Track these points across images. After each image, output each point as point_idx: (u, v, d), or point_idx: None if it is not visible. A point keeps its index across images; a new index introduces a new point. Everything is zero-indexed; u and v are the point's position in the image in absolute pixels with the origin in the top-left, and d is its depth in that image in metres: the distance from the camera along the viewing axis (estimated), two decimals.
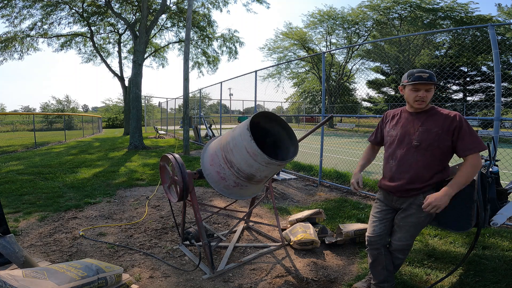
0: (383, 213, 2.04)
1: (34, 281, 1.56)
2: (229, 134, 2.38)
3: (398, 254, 1.99)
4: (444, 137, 1.79)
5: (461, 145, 1.76)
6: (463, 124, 1.75)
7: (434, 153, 1.83)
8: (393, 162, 1.96)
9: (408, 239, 1.93)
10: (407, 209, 1.91)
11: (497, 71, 3.40)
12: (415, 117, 1.92)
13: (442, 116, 1.82)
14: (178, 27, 19.42)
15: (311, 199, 4.66)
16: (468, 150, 1.74)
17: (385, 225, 2.02)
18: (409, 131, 1.91)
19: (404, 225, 1.92)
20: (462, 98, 27.50)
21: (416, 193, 1.87)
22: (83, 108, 65.22)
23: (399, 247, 1.96)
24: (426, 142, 1.83)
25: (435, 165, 1.85)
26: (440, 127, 1.80)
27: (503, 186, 2.20)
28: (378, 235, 2.00)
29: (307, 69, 34.17)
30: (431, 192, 1.84)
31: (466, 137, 1.74)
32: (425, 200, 1.76)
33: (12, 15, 15.94)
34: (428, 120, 1.85)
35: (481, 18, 21.16)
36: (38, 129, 22.30)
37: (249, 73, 8.23)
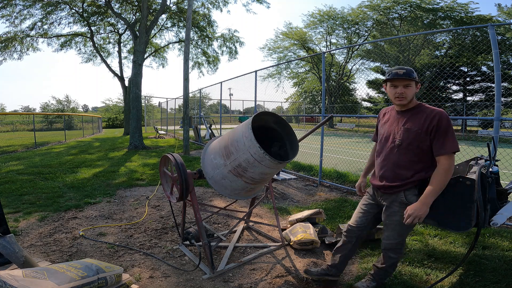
0: (368, 206, 2.12)
1: (34, 281, 1.56)
2: (230, 134, 2.38)
3: (390, 254, 2.02)
4: (423, 136, 1.80)
5: (436, 145, 1.78)
6: (442, 124, 1.75)
7: (415, 152, 1.85)
8: (380, 159, 2.02)
9: (396, 237, 1.96)
10: (390, 207, 1.95)
11: (497, 71, 3.40)
12: (401, 115, 1.94)
13: (424, 115, 1.82)
14: (178, 27, 19.43)
15: (311, 199, 4.66)
16: (440, 150, 1.76)
17: (367, 218, 2.10)
18: (393, 130, 1.94)
19: (390, 224, 1.96)
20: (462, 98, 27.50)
21: (397, 190, 1.90)
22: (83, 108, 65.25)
23: (388, 246, 1.99)
24: (406, 141, 1.85)
25: (416, 164, 1.86)
26: (420, 126, 1.81)
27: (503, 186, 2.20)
28: (358, 227, 2.11)
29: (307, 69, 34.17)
30: (414, 191, 1.87)
31: (441, 137, 1.76)
32: (405, 212, 1.79)
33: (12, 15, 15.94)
34: (410, 119, 1.87)
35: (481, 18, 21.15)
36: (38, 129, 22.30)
37: (249, 73, 8.23)
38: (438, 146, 1.77)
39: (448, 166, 1.74)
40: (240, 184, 2.38)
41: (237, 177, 2.32)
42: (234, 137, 2.28)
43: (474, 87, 27.02)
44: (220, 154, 2.36)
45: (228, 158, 2.29)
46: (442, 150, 1.75)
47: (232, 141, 2.27)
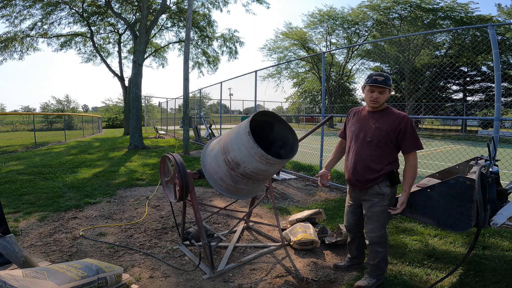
0: (352, 207, 2.35)
1: (34, 281, 1.56)
2: (229, 133, 2.38)
3: (377, 248, 2.14)
4: (391, 135, 2.04)
5: (405, 144, 2.04)
6: (408, 126, 2.02)
7: (383, 148, 2.08)
8: (351, 155, 2.22)
9: (380, 229, 2.12)
10: (369, 200, 2.15)
11: (497, 71, 3.40)
12: (371, 115, 2.15)
13: (393, 117, 2.07)
14: (178, 27, 19.41)
15: (311, 199, 4.66)
16: (409, 148, 2.03)
17: (357, 216, 2.34)
18: (364, 128, 2.15)
19: (372, 215, 2.14)
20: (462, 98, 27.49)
21: (372, 184, 2.11)
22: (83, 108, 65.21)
23: (374, 239, 2.13)
24: (377, 138, 2.08)
25: (385, 158, 2.09)
26: (389, 126, 2.04)
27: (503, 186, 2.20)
28: (352, 225, 2.38)
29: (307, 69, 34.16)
30: (386, 182, 2.09)
31: (409, 138, 2.02)
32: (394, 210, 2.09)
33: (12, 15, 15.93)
34: (381, 119, 2.09)
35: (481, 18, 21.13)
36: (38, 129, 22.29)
37: (249, 73, 8.23)
38: (407, 145, 2.04)
39: (416, 162, 2.05)
40: (240, 183, 2.38)
41: (237, 177, 2.32)
42: (233, 136, 2.28)
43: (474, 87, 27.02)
44: (220, 153, 2.36)
45: (227, 157, 2.29)
46: (411, 149, 2.03)
47: (232, 141, 2.27)
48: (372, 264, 2.18)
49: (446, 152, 9.51)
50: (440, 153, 10.01)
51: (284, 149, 2.55)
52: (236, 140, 2.22)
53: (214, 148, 2.51)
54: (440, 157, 8.89)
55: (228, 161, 2.29)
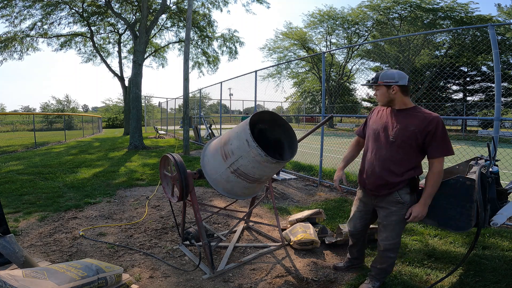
0: (362, 213, 2.23)
1: (34, 281, 1.56)
2: (229, 133, 2.38)
3: (389, 254, 2.06)
4: (418, 136, 1.85)
5: (432, 148, 1.85)
6: (439, 129, 1.82)
7: (407, 150, 1.90)
8: (370, 156, 2.06)
9: (395, 237, 2.02)
10: (387, 208, 2.00)
11: (497, 71, 3.40)
12: (396, 114, 1.98)
13: (421, 117, 1.87)
14: (178, 27, 19.41)
15: (311, 199, 4.66)
16: (436, 153, 1.85)
17: (365, 222, 2.25)
18: (387, 127, 1.98)
19: (388, 224, 2.01)
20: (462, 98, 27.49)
21: (391, 191, 1.96)
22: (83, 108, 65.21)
23: (388, 246, 2.04)
24: (401, 139, 1.90)
25: (407, 162, 1.92)
26: (416, 126, 1.86)
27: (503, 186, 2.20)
28: (359, 231, 2.28)
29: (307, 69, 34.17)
30: (406, 189, 1.94)
31: (438, 141, 1.83)
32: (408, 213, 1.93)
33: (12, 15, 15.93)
34: (407, 119, 1.91)
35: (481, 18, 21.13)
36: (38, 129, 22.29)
37: (249, 73, 8.23)
38: (435, 150, 1.84)
39: (441, 168, 1.86)
40: (240, 183, 2.38)
41: (237, 177, 2.32)
42: (233, 136, 2.28)
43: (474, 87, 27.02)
44: (220, 153, 2.36)
45: (228, 158, 2.29)
46: (438, 154, 1.84)
47: (231, 141, 2.27)
48: (379, 268, 2.13)
49: None
50: None
51: (284, 149, 2.55)
52: (236, 142, 2.22)
53: (214, 149, 2.51)
54: None
55: (230, 164, 2.28)
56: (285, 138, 2.54)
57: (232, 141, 2.27)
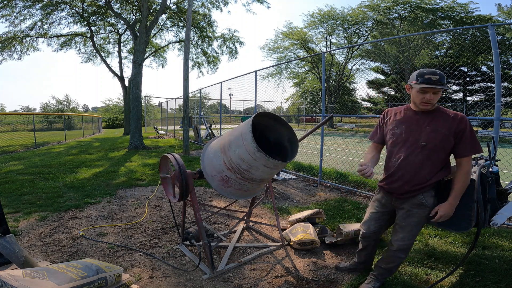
0: (379, 215, 2.14)
1: (34, 281, 1.56)
2: (230, 134, 2.38)
3: (400, 254, 2.03)
4: (450, 138, 1.80)
5: (462, 147, 1.80)
6: (468, 127, 1.79)
7: (438, 154, 1.84)
8: (396, 161, 1.95)
9: (411, 238, 1.98)
10: (407, 210, 1.94)
11: (497, 71, 3.40)
12: (422, 116, 1.89)
13: (450, 117, 1.81)
14: (178, 27, 19.42)
15: (311, 199, 4.66)
16: (466, 152, 1.80)
17: (380, 224, 2.16)
18: (414, 131, 1.88)
19: (406, 225, 1.95)
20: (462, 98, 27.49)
21: (417, 193, 1.90)
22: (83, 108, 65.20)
23: (402, 246, 1.99)
24: (433, 142, 1.82)
25: (437, 165, 1.87)
26: (447, 128, 1.80)
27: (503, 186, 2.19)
28: (373, 233, 2.19)
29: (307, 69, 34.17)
30: (431, 192, 1.89)
31: (467, 140, 1.79)
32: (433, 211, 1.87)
33: (12, 15, 15.93)
34: (435, 120, 1.84)
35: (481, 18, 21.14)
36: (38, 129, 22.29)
37: (249, 73, 8.23)
38: (464, 148, 1.80)
39: (469, 167, 1.82)
40: (240, 184, 2.38)
41: (237, 177, 2.32)
42: (233, 137, 2.28)
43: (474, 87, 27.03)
44: (220, 154, 2.36)
45: (228, 157, 2.29)
46: (467, 153, 1.80)
47: (232, 141, 2.27)
48: (384, 268, 2.10)
49: None
50: None
51: (284, 149, 2.55)
52: (237, 144, 2.22)
53: (214, 149, 2.51)
54: None
55: (230, 165, 2.28)
56: (285, 138, 2.54)
57: (232, 142, 2.27)
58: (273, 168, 2.25)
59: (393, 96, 30.56)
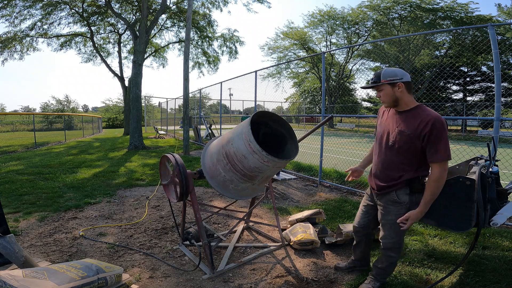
0: (367, 208, 2.23)
1: (34, 281, 1.56)
2: (230, 133, 2.38)
3: (390, 253, 2.05)
4: (415, 140, 1.80)
5: (428, 152, 1.79)
6: (434, 132, 1.73)
7: (406, 154, 1.87)
8: (374, 158, 2.10)
9: (393, 236, 2.00)
10: (385, 207, 2.02)
11: (497, 71, 3.40)
12: (397, 116, 1.94)
13: (419, 120, 1.79)
14: (178, 27, 19.43)
15: (311, 199, 4.66)
16: (432, 157, 1.77)
17: (368, 218, 2.24)
18: (388, 130, 1.97)
19: (385, 223, 2.02)
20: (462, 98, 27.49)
21: (389, 190, 1.96)
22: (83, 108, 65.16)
23: (387, 245, 2.03)
24: (398, 143, 1.88)
25: (406, 165, 1.90)
26: (413, 130, 1.80)
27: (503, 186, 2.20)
28: (362, 226, 2.27)
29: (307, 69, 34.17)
30: (405, 189, 1.91)
31: (434, 145, 1.75)
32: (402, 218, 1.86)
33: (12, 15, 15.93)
34: (406, 121, 1.86)
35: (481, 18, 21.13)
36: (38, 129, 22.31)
37: (249, 73, 8.23)
38: (430, 154, 1.78)
39: (439, 174, 1.76)
40: (240, 183, 2.38)
41: (237, 177, 2.32)
42: (233, 136, 2.28)
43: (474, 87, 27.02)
44: (220, 153, 2.36)
45: (228, 158, 2.29)
46: (433, 158, 1.77)
47: (232, 141, 2.27)
48: (380, 268, 2.12)
49: None
50: None
51: (284, 149, 2.55)
52: (237, 143, 2.22)
53: (214, 148, 2.51)
54: None
55: (230, 164, 2.28)
56: (285, 137, 2.54)
57: (233, 141, 2.27)
58: (273, 167, 2.25)
59: None
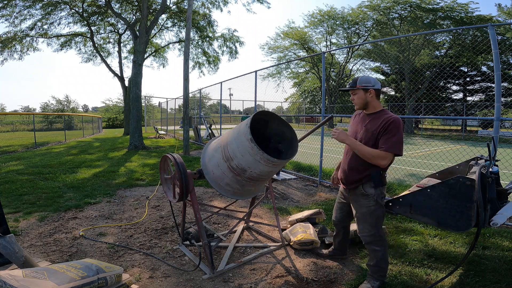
0: (341, 204, 2.46)
1: (34, 281, 1.56)
2: (230, 133, 2.38)
3: (373, 247, 2.15)
4: (377, 136, 2.05)
5: (380, 141, 2.02)
6: (390, 127, 1.99)
7: None
8: (344, 156, 2.32)
9: (370, 229, 2.13)
10: (355, 201, 2.21)
11: (497, 71, 3.40)
12: (366, 117, 2.20)
13: (381, 119, 2.06)
14: (178, 27, 19.42)
15: (311, 199, 4.66)
16: (382, 145, 2.00)
17: (343, 213, 2.46)
18: (357, 130, 2.22)
19: (360, 217, 2.18)
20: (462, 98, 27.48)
21: (357, 184, 2.16)
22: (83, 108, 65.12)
23: (367, 239, 2.16)
24: (364, 140, 2.10)
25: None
26: (376, 127, 2.06)
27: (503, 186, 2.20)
28: (339, 220, 2.51)
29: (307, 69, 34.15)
30: (370, 183, 2.11)
31: (387, 136, 1.99)
32: (336, 130, 2.16)
33: (12, 15, 15.93)
34: (372, 121, 2.11)
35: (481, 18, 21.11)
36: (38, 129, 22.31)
37: (249, 73, 8.23)
38: (381, 142, 2.01)
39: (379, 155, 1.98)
40: (240, 183, 2.38)
41: (237, 177, 2.32)
42: (233, 136, 2.28)
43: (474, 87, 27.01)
44: (220, 153, 2.36)
45: (228, 158, 2.29)
46: (383, 145, 1.99)
47: (231, 141, 2.27)
48: (372, 265, 2.17)
49: (446, 152, 9.51)
50: (440, 153, 10.01)
51: (284, 147, 2.55)
52: (237, 143, 2.22)
53: (214, 149, 2.51)
54: (440, 157, 8.89)
55: (230, 164, 2.28)
56: (285, 137, 2.54)
57: (233, 141, 2.27)
58: (272, 167, 2.25)
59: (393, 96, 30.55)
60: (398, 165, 7.91)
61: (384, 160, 1.98)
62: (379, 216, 2.12)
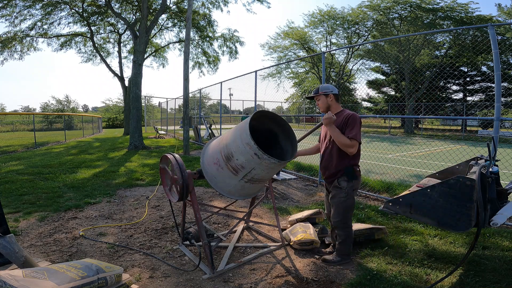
0: (327, 198, 2.71)
1: (34, 281, 1.56)
2: (229, 133, 2.38)
3: (338, 231, 2.52)
4: (342, 130, 2.39)
5: (345, 131, 2.38)
6: (349, 120, 2.38)
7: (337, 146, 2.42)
8: (321, 154, 2.65)
9: (337, 216, 2.49)
10: (331, 191, 2.55)
11: (497, 71, 3.39)
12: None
13: (343, 116, 2.45)
14: (178, 27, 19.42)
15: (311, 199, 4.66)
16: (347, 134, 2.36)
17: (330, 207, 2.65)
18: (326, 131, 2.57)
19: (332, 204, 2.53)
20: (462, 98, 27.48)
21: (333, 178, 2.49)
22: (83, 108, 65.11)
23: (335, 224, 2.53)
24: (331, 138, 2.45)
25: (341, 155, 2.43)
26: (339, 124, 2.42)
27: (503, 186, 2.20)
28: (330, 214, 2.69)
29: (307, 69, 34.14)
30: (344, 177, 2.44)
31: (348, 127, 2.38)
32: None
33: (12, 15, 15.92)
34: (337, 120, 2.44)
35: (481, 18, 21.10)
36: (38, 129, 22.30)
37: (249, 73, 8.23)
38: (346, 132, 2.37)
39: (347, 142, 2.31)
40: (240, 183, 2.38)
41: (237, 177, 2.32)
42: (233, 136, 2.28)
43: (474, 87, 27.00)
44: (220, 153, 2.36)
45: (227, 158, 2.29)
46: (347, 134, 2.35)
47: (231, 141, 2.27)
48: (337, 245, 2.56)
49: (446, 152, 9.51)
50: (440, 153, 10.01)
51: (284, 149, 2.55)
52: (237, 143, 2.22)
53: (214, 148, 2.51)
54: (440, 157, 8.89)
55: (230, 164, 2.28)
56: (285, 138, 2.54)
57: (232, 141, 2.27)
58: (272, 167, 2.25)
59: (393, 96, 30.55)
60: (398, 165, 7.91)
61: (352, 148, 2.33)
62: (347, 206, 2.46)
